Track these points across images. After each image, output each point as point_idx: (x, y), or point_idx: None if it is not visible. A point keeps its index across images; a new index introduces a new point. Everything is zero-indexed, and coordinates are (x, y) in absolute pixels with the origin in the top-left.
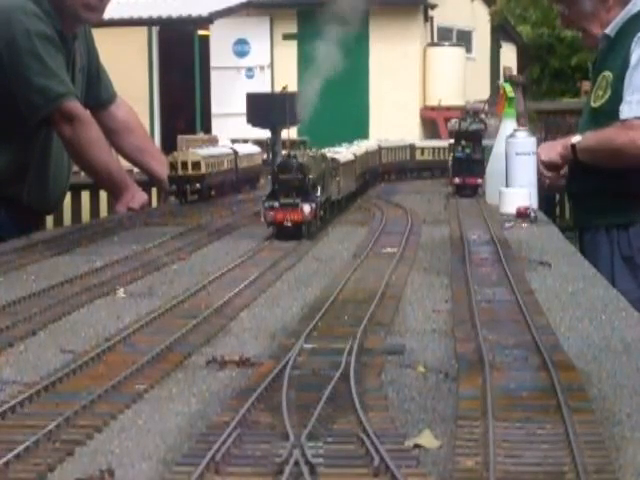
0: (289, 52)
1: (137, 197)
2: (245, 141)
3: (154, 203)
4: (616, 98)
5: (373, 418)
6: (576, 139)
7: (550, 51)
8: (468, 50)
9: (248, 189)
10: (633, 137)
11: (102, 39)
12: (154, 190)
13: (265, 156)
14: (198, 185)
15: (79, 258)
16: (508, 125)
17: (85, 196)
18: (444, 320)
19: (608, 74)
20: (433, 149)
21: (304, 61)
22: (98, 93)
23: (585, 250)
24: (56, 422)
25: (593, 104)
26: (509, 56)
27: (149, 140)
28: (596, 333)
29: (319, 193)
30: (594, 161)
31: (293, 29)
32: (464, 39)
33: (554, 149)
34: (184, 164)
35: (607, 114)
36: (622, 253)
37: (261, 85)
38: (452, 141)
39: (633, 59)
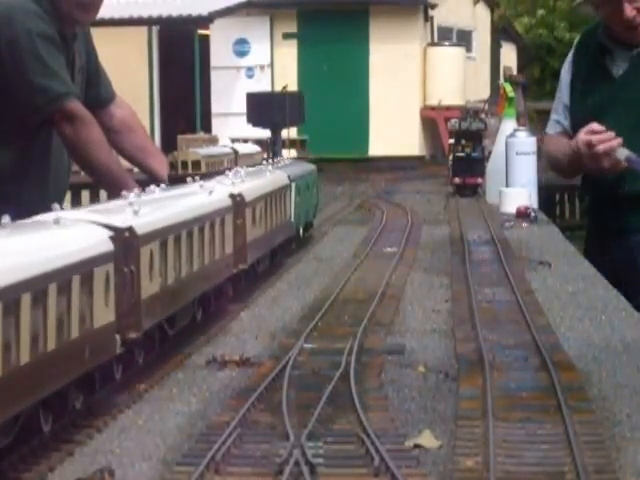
0: (289, 52)
1: None
2: (245, 141)
3: None
4: None
5: (373, 418)
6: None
7: (550, 51)
8: (468, 50)
9: None
10: None
11: (102, 39)
12: None
13: (265, 155)
14: None
15: None
16: (508, 125)
17: (85, 196)
18: (444, 320)
19: None
20: None
21: (304, 61)
22: (97, 93)
23: (634, 252)
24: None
25: None
26: (509, 56)
27: (149, 139)
28: (596, 333)
29: None
30: None
31: (293, 29)
32: (464, 39)
33: (600, 163)
34: (184, 163)
35: None
36: None
37: (261, 85)
38: None
39: None
